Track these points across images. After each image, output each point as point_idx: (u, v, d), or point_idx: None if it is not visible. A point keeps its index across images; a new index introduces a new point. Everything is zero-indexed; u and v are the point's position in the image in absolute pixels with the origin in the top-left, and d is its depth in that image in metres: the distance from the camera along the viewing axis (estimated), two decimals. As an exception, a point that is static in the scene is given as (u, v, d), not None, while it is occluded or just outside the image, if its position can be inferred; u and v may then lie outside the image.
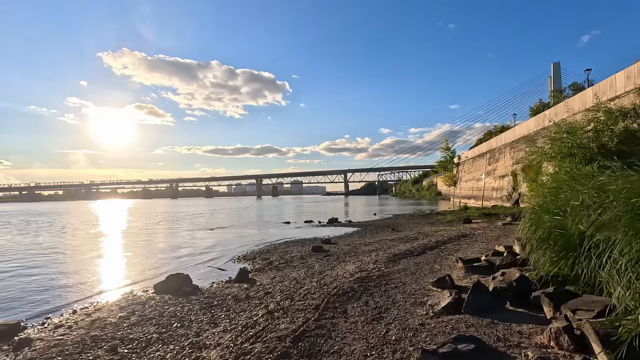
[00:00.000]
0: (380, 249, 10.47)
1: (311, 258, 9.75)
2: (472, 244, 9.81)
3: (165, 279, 7.19)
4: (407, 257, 8.35)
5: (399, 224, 19.41)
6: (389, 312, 4.46)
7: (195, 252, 12.96)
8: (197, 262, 10.74)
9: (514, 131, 33.43)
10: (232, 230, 21.01)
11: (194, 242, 15.79)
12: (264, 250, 12.00)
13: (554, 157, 10.00)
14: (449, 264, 7.23)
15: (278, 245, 13.13)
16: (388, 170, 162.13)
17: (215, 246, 14.18)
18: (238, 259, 10.62)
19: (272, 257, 10.52)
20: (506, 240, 9.82)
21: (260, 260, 10.07)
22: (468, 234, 12.29)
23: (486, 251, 8.31)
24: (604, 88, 18.87)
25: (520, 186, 30.04)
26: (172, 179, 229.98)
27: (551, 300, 3.67)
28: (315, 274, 7.32)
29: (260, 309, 5.04)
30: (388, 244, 11.58)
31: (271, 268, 8.74)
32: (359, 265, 7.61)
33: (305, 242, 13.79)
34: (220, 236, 17.73)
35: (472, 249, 8.90)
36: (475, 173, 46.97)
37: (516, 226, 14.02)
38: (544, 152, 19.71)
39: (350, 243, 12.56)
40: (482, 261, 6.59)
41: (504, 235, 10.96)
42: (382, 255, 8.72)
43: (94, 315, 5.58)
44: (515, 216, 16.04)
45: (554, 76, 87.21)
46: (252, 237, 17.12)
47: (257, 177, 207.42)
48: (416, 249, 9.33)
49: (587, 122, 9.41)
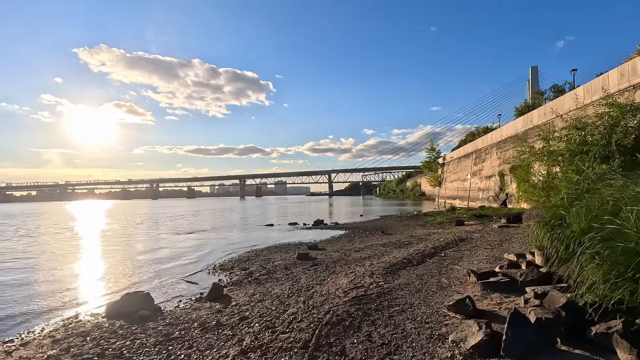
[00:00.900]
0: (374, 256, 9.44)
1: (297, 268, 8.62)
2: (474, 251, 8.89)
3: (121, 298, 5.92)
4: (407, 268, 7.33)
5: (388, 226, 18.48)
6: (402, 352, 3.39)
7: (168, 259, 11.63)
8: (167, 272, 9.44)
9: (501, 131, 33.15)
10: (211, 233, 19.63)
11: (168, 247, 14.40)
12: (243, 258, 10.79)
13: (561, 156, 9.24)
14: (457, 276, 6.23)
15: (260, 252, 11.93)
16: (372, 171, 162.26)
17: (192, 252, 12.87)
18: (214, 269, 9.37)
19: (252, 266, 9.34)
20: (511, 246, 8.95)
21: (238, 271, 8.87)
22: (465, 238, 11.40)
23: (494, 260, 7.38)
24: (595, 87, 18.49)
25: (508, 186, 29.69)
26: (153, 179, 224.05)
27: (632, 345, 2.67)
28: (302, 290, 6.19)
29: (232, 347, 3.88)
30: (381, 250, 10.57)
31: (250, 281, 7.56)
32: (352, 278, 6.53)
33: (289, 247, 12.64)
34: (198, 241, 16.37)
35: (476, 257, 7.95)
36: (460, 173, 46.78)
37: (514, 229, 13.31)
38: (535, 152, 19.31)
39: (339, 249, 11.50)
40: (499, 274, 5.62)
41: (506, 240, 10.11)
42: (377, 265, 7.67)
43: (14, 354, 4.30)
44: (510, 218, 15.33)
45: (532, 79, 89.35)
46: (233, 241, 15.84)
47: (241, 178, 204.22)
48: (414, 257, 8.33)
49: (600, 117, 8.67)
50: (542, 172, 19.27)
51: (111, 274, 9.45)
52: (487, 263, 7.17)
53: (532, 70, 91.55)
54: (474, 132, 72.32)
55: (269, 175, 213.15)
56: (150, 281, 8.40)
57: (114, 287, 8.04)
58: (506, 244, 9.34)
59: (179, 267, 10.11)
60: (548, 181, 18.56)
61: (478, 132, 66.80)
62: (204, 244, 15.10)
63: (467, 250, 9.11)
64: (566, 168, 8.52)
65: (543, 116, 24.29)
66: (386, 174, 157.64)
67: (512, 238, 10.33)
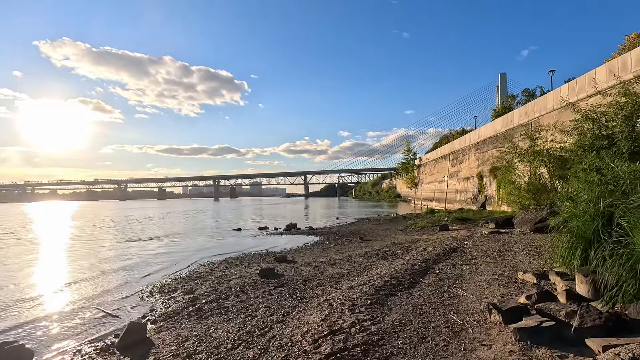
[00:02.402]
0: (353, 273, 7.72)
1: (257, 290, 6.75)
2: (473, 265, 7.34)
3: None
4: (397, 293, 5.64)
5: (367, 231, 16.88)
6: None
7: (103, 275, 9.46)
8: (88, 296, 7.33)
9: (479, 132, 32.48)
10: (172, 240, 17.31)
11: (109, 259, 12.11)
12: (194, 275, 8.77)
13: (572, 152, 7.92)
14: (469, 309, 4.59)
15: (217, 265, 9.94)
16: (348, 173, 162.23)
17: (137, 266, 10.69)
18: (151, 292, 7.31)
19: (201, 287, 7.38)
20: (517, 260, 7.46)
21: (181, 295, 6.89)
22: (456, 247, 9.91)
23: (507, 282, 5.81)
24: (581, 84, 17.70)
25: (487, 188, 28.92)
26: (121, 180, 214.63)
27: None
28: (255, 335, 4.35)
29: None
30: (361, 263, 8.87)
31: (191, 313, 5.63)
32: (327, 313, 4.75)
33: (254, 259, 10.73)
34: (151, 250, 14.10)
35: (480, 276, 6.38)
36: (437, 175, 46.19)
37: (507, 235, 11.87)
38: (521, 152, 18.27)
39: (312, 260, 9.71)
40: (531, 309, 4.01)
41: (506, 250, 8.66)
42: (358, 288, 5.94)
43: None
44: (499, 222, 14.06)
45: (501, 85, 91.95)
46: (190, 250, 13.71)
47: (215, 178, 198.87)
48: (404, 276, 6.67)
49: (620, 107, 7.39)
50: (527, 173, 18.32)
51: (13, 299, 7.20)
52: (498, 285, 5.59)
53: (502, 77, 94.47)
54: (448, 135, 72.79)
55: (244, 176, 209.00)
56: (57, 312, 6.27)
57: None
58: (509, 257, 7.85)
59: (109, 288, 7.98)
60: (535, 183, 17.61)
61: (452, 135, 67.04)
62: (157, 254, 12.90)
63: (464, 264, 7.55)
64: (578, 167, 7.11)
65: (524, 116, 23.54)
66: (362, 175, 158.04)
67: (511, 248, 8.90)
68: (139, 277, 9.05)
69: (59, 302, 7.04)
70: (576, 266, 5.01)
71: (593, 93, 15.54)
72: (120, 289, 7.89)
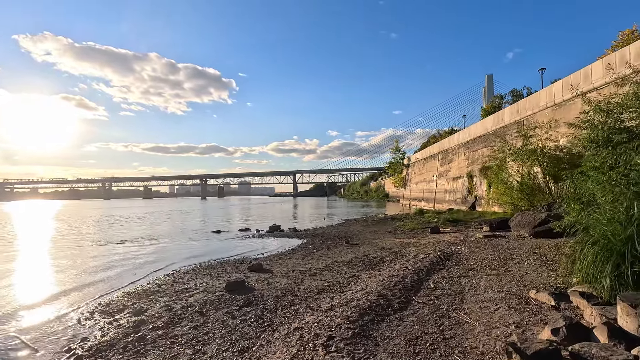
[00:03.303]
0: (335, 286, 6.66)
1: (217, 311, 5.62)
2: (473, 279, 6.35)
3: None
4: (386, 318, 4.59)
5: (354, 234, 15.87)
6: None
7: (40, 287, 8.20)
8: (11, 313, 6.09)
9: (469, 131, 31.81)
10: (145, 243, 15.96)
11: (61, 266, 10.77)
12: (150, 289, 7.55)
13: (585, 148, 7.03)
14: (476, 345, 3.57)
15: (182, 275, 8.74)
16: (336, 172, 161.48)
17: (87, 276, 9.41)
18: (91, 313, 6.08)
19: (154, 305, 6.20)
20: (522, 271, 6.50)
21: (127, 317, 5.71)
22: (450, 253, 8.95)
23: (517, 302, 4.81)
24: (576, 80, 17.01)
25: (477, 188, 28.25)
26: (105, 178, 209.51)
27: None
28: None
29: None
30: (345, 273, 7.82)
31: (127, 346, 4.47)
32: (295, 351, 3.66)
33: (226, 267, 9.57)
34: (113, 256, 12.75)
35: (484, 294, 5.38)
36: (426, 175, 45.57)
37: (504, 239, 10.92)
38: (515, 150, 17.49)
39: (290, 269, 8.62)
40: (563, 351, 3.00)
41: (508, 259, 7.72)
42: (339, 311, 4.87)
43: None
44: (493, 225, 13.20)
45: (488, 86, 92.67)
46: (159, 256, 12.44)
47: (202, 177, 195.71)
48: (394, 292, 5.63)
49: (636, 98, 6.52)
50: (521, 172, 17.55)
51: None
52: (508, 308, 4.58)
53: (488, 78, 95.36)
54: (436, 135, 72.56)
55: (232, 175, 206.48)
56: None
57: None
58: (513, 267, 6.89)
59: (44, 305, 6.73)
60: (529, 183, 16.84)
61: (441, 135, 66.76)
62: (120, 260, 11.62)
63: (462, 276, 6.56)
64: (588, 164, 6.19)
65: (516, 114, 22.86)
66: (350, 175, 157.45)
67: (513, 256, 7.96)
68: (86, 291, 7.81)
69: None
70: (606, 286, 4.05)
71: (595, 87, 14.81)
72: (59, 306, 6.66)
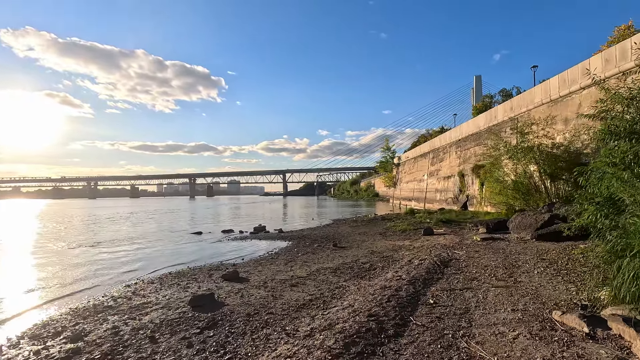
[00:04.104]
0: (319, 300, 5.70)
1: (172, 336, 4.60)
2: (478, 291, 5.45)
3: None
4: (378, 349, 3.64)
5: (342, 236, 14.94)
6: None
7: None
8: None
9: (461, 129, 31.18)
10: (119, 246, 14.74)
11: (13, 273, 9.60)
12: (103, 303, 6.44)
13: (601, 140, 6.24)
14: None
15: (145, 286, 7.65)
16: (326, 171, 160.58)
17: (38, 284, 8.29)
18: (19, 337, 4.97)
19: (99, 327, 5.14)
20: (535, 282, 5.63)
21: (61, 343, 4.62)
22: (448, 259, 8.08)
23: (539, 326, 3.91)
24: (573, 75, 16.37)
25: (469, 188, 27.62)
26: (91, 177, 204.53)
27: None
28: None
29: None
30: (330, 283, 6.87)
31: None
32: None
33: (198, 275, 8.52)
34: (77, 260, 11.52)
35: (495, 314, 4.48)
36: (416, 174, 44.93)
37: (504, 243, 9.92)
38: (511, 148, 16.75)
39: (269, 278, 7.61)
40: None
41: (514, 266, 6.86)
42: (320, 339, 3.91)
43: None
44: (490, 226, 12.41)
45: (477, 87, 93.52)
46: (127, 261, 11.28)
47: (190, 176, 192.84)
48: (387, 312, 4.69)
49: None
50: (516, 171, 16.82)
51: None
52: (530, 335, 3.67)
53: (477, 79, 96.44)
54: (426, 135, 72.23)
55: (222, 174, 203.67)
56: None
57: None
58: (522, 277, 6.01)
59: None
60: (525, 182, 16.12)
61: (431, 134, 66.35)
62: (83, 265, 10.45)
63: (465, 287, 5.66)
64: (603, 159, 5.34)
65: (510, 111, 22.21)
66: (340, 174, 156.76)
67: (518, 263, 7.11)
68: (26, 305, 6.68)
69: None
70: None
71: (585, 85, 14.16)
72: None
